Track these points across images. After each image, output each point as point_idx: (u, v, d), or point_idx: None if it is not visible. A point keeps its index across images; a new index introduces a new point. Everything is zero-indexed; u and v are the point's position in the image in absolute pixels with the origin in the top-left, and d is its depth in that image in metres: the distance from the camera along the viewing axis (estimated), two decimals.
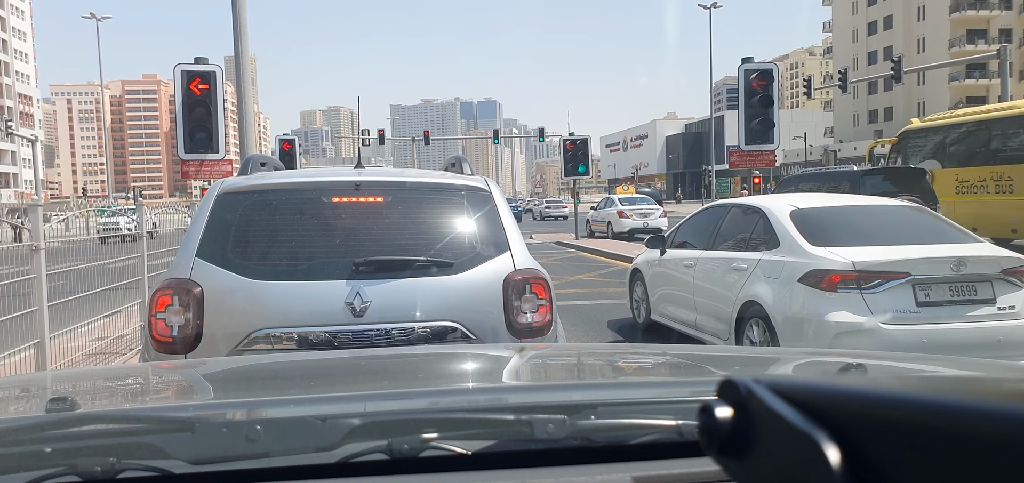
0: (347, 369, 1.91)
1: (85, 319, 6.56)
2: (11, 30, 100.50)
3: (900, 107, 72.21)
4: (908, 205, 6.66)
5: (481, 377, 1.86)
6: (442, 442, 1.09)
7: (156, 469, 1.02)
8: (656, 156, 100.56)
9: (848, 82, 30.16)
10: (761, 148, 12.53)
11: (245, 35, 10.84)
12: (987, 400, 0.47)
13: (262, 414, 1.20)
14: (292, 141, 18.68)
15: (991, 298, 5.22)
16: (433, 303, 3.32)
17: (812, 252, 5.49)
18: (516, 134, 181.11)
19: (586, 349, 4.07)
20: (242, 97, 11.40)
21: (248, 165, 4.18)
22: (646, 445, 1.12)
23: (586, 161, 23.12)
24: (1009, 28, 68.34)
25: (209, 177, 10.67)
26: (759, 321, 5.78)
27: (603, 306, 10.35)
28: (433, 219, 3.65)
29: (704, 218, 7.58)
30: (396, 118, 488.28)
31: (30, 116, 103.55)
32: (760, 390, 0.59)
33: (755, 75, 12.44)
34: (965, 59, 51.87)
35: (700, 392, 1.16)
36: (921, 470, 0.47)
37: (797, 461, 0.54)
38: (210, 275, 3.26)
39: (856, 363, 1.73)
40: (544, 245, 22.18)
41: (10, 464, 1.03)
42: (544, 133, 50.11)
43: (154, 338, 3.23)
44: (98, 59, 53.84)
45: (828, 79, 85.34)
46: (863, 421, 0.52)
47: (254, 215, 3.52)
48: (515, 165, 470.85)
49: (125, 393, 1.76)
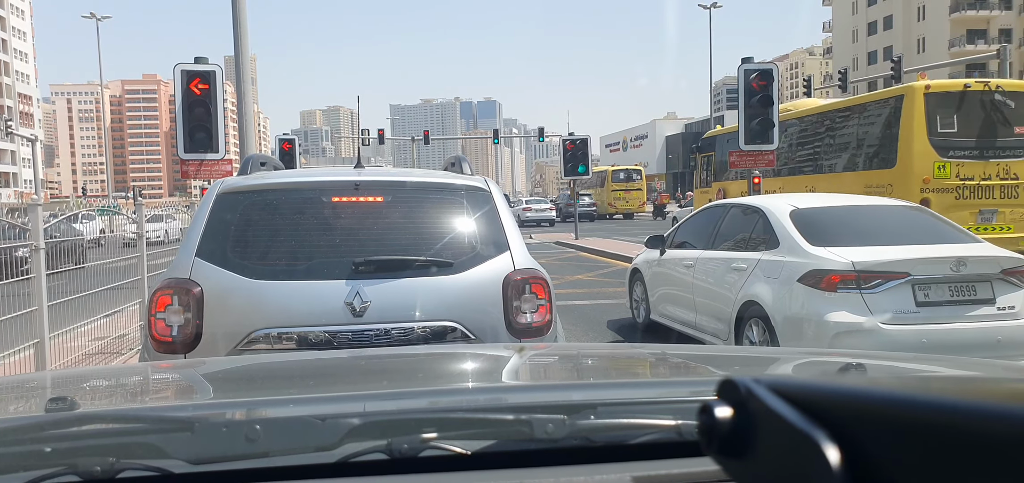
0: (347, 369, 1.91)
1: (85, 319, 6.56)
2: (11, 30, 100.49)
3: None
4: (908, 205, 6.67)
5: (481, 377, 1.86)
6: (441, 442, 1.09)
7: (156, 469, 1.02)
8: (656, 156, 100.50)
9: (848, 82, 30.16)
10: (761, 148, 12.52)
11: (245, 35, 10.84)
12: (987, 400, 0.47)
13: (262, 414, 1.20)
14: (292, 141, 18.65)
15: (991, 298, 5.22)
16: (433, 303, 3.32)
17: (812, 252, 5.49)
18: (516, 134, 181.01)
19: (586, 349, 4.07)
20: (242, 97, 11.39)
21: (248, 165, 4.18)
22: (646, 445, 1.12)
23: (586, 161, 23.11)
24: (1009, 28, 68.31)
25: (209, 177, 10.66)
26: (759, 321, 5.78)
27: (603, 306, 10.35)
28: (433, 219, 3.65)
29: (704, 218, 7.58)
30: (396, 118, 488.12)
31: (30, 116, 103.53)
32: (760, 390, 0.59)
33: (755, 75, 12.43)
34: (965, 59, 51.82)
35: (700, 392, 1.16)
36: (921, 470, 0.47)
37: (797, 461, 0.54)
38: (210, 275, 3.26)
39: (856, 363, 1.73)
40: (544, 245, 22.18)
41: (10, 464, 1.03)
42: (544, 133, 50.06)
43: (154, 338, 3.23)
44: (98, 59, 53.86)
45: (828, 79, 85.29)
46: (863, 421, 0.52)
47: (254, 215, 3.52)
48: (515, 165, 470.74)
49: (125, 393, 1.76)
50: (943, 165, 11.10)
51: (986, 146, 11.24)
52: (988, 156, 11.18)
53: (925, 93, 11.34)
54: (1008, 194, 11.08)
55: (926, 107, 11.26)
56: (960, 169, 11.09)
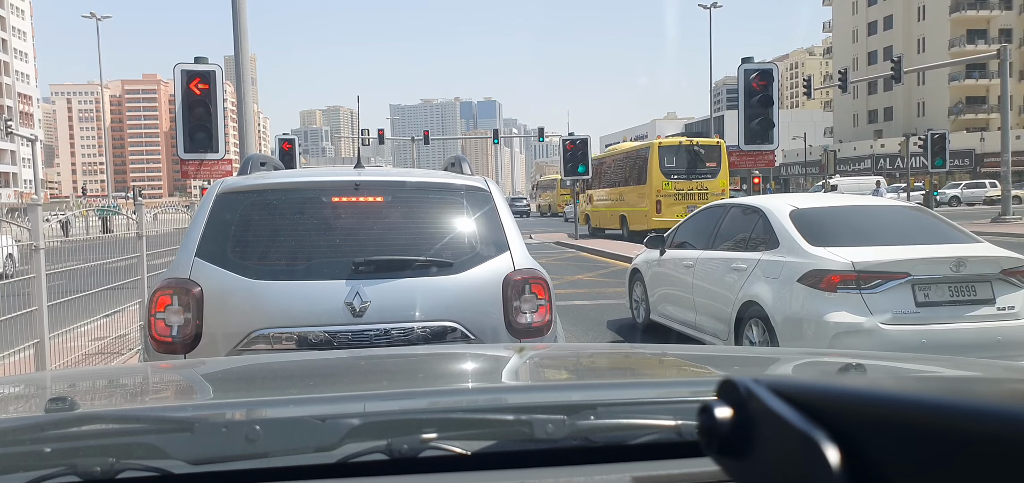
0: (347, 369, 1.91)
1: (84, 319, 6.56)
2: (11, 29, 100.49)
3: (900, 107, 72.23)
4: (908, 205, 6.67)
5: (481, 377, 1.86)
6: (441, 442, 1.09)
7: (156, 469, 1.02)
8: None
9: (848, 82, 30.14)
10: (761, 148, 12.53)
11: (245, 35, 10.84)
12: (987, 400, 0.47)
13: (262, 414, 1.20)
14: (292, 141, 18.65)
15: (991, 298, 5.22)
16: (433, 303, 3.32)
17: (812, 252, 5.49)
18: (516, 134, 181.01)
19: (586, 349, 4.07)
20: (242, 97, 11.39)
21: (248, 165, 4.18)
22: (646, 445, 1.12)
23: (586, 161, 23.08)
24: (1009, 28, 68.28)
25: (209, 177, 10.68)
26: (758, 321, 5.77)
27: (603, 306, 10.35)
28: (433, 219, 3.65)
29: (703, 218, 7.58)
30: (396, 118, 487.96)
31: (30, 115, 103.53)
32: (760, 390, 0.59)
33: (755, 75, 12.44)
34: (965, 59, 51.88)
35: (700, 392, 1.16)
36: (921, 470, 0.47)
37: (797, 461, 0.54)
38: (210, 275, 3.26)
39: (856, 363, 1.73)
40: (544, 245, 22.18)
41: (10, 464, 1.03)
42: (544, 133, 50.10)
43: (153, 338, 3.22)
44: (98, 59, 53.79)
45: (828, 79, 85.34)
46: (863, 421, 0.52)
47: (254, 215, 3.52)
48: (515, 165, 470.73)
49: (125, 393, 1.76)
50: (668, 182, 21.56)
51: (690, 173, 21.74)
52: (691, 178, 21.69)
53: (659, 146, 22.18)
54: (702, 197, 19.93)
55: (659, 153, 21.78)
56: (676, 185, 21.54)
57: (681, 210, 19.36)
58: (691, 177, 21.63)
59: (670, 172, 21.44)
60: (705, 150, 22.14)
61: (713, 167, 21.83)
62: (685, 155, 21.90)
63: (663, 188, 21.32)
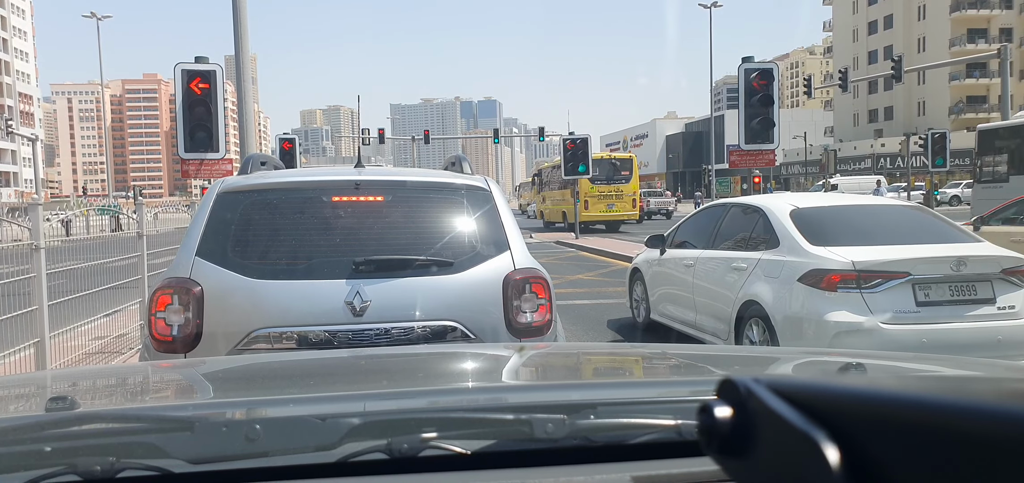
0: (347, 368, 1.91)
1: (85, 318, 6.56)
2: (11, 29, 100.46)
3: (900, 106, 72.20)
4: (908, 205, 6.67)
5: (481, 377, 1.86)
6: (441, 442, 1.09)
7: (156, 468, 1.02)
8: (656, 155, 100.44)
9: (848, 81, 30.16)
10: (761, 147, 12.53)
11: (245, 34, 10.84)
12: (987, 400, 0.47)
13: (262, 413, 1.21)
14: (292, 140, 18.64)
15: (991, 298, 5.22)
16: (433, 302, 3.32)
17: (812, 252, 5.49)
18: (516, 133, 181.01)
19: (586, 349, 4.07)
20: (242, 96, 11.40)
21: (248, 164, 4.18)
22: (646, 445, 1.12)
23: (586, 160, 23.10)
24: (1009, 27, 68.22)
25: (209, 176, 10.68)
26: (759, 321, 5.77)
27: (603, 306, 10.35)
28: (433, 218, 3.65)
29: (704, 218, 7.58)
30: (396, 117, 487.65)
31: (30, 115, 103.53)
32: (759, 390, 0.59)
33: (755, 74, 12.44)
34: (965, 58, 51.85)
35: (700, 392, 1.16)
36: (921, 470, 0.47)
37: (797, 461, 0.54)
38: (210, 274, 3.26)
39: (856, 363, 1.73)
40: (544, 245, 22.18)
41: (10, 463, 1.03)
42: (544, 132, 50.06)
43: (154, 337, 3.22)
44: (98, 58, 53.76)
45: (828, 78, 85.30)
46: (863, 421, 0.52)
47: (254, 214, 3.52)
48: (515, 164, 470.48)
49: (125, 392, 1.76)
50: (593, 187, 27.99)
51: (609, 180, 28.92)
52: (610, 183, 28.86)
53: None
54: (618, 198, 28.84)
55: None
56: (599, 189, 28.42)
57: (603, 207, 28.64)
58: (610, 183, 28.94)
59: (595, 179, 27.65)
60: (620, 162, 30.00)
61: (626, 175, 29.24)
62: (606, 166, 29.26)
63: (590, 191, 28.04)
